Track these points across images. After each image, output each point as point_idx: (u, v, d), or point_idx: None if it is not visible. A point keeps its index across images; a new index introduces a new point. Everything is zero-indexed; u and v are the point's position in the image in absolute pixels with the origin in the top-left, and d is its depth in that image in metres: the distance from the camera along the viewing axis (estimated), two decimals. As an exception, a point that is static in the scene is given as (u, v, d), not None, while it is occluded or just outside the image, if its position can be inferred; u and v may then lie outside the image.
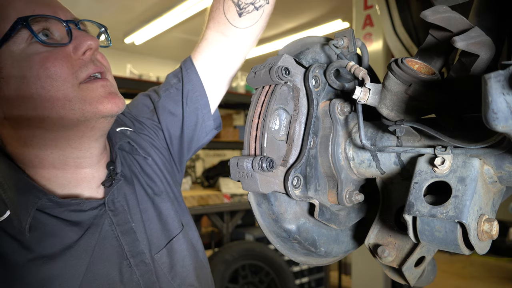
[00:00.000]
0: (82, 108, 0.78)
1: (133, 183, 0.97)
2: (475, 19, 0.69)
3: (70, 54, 0.80)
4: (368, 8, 3.21)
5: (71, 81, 0.78)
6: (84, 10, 6.64)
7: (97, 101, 0.80)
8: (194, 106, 1.11)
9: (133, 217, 0.91)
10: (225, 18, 1.06)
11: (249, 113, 0.69)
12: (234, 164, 0.67)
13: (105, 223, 0.86)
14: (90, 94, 0.80)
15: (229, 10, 1.04)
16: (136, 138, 1.06)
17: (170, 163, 1.11)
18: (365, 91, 0.63)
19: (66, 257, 0.79)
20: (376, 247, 0.72)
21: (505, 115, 0.41)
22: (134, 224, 0.90)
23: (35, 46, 0.77)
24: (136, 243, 0.89)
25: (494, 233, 0.55)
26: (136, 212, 0.92)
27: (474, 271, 6.06)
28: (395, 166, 0.69)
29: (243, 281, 3.23)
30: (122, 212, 0.89)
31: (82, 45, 0.80)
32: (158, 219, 0.98)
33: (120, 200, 0.90)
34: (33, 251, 0.76)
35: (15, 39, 0.75)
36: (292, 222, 0.71)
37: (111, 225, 0.87)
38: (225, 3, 1.05)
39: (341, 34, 0.72)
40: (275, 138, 0.68)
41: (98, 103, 0.80)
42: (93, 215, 0.85)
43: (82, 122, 0.79)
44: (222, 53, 1.10)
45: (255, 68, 0.73)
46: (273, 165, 0.64)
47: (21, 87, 0.75)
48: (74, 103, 0.77)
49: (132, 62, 6.57)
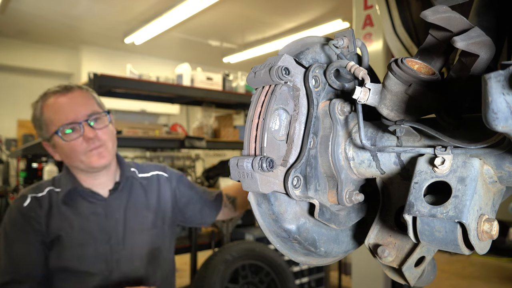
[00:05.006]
0: (86, 163, 1.68)
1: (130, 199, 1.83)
2: (475, 19, 0.69)
3: (82, 140, 1.65)
4: (368, 8, 3.21)
5: (82, 152, 1.66)
6: (85, 10, 6.64)
7: (92, 161, 1.67)
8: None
9: (118, 212, 1.76)
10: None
11: (249, 113, 0.69)
12: (234, 164, 0.67)
13: (100, 208, 1.74)
14: (90, 157, 1.67)
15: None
16: (162, 180, 2.00)
17: (172, 202, 2.01)
18: (365, 91, 0.63)
19: (84, 218, 1.69)
20: (376, 247, 0.72)
21: (505, 115, 0.41)
22: (118, 216, 1.75)
23: (65, 138, 1.67)
24: (116, 226, 1.73)
25: (494, 233, 0.55)
26: (121, 210, 1.77)
27: (474, 271, 6.06)
28: (395, 166, 0.69)
29: (243, 281, 3.23)
30: (111, 208, 1.76)
31: (86, 137, 1.65)
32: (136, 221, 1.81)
33: (113, 203, 1.78)
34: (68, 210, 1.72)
35: (57, 136, 1.65)
36: (292, 222, 0.71)
37: (105, 211, 1.74)
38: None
39: (341, 34, 0.72)
40: (275, 138, 0.68)
41: (92, 162, 1.67)
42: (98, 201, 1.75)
43: (87, 168, 1.70)
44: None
45: (255, 68, 0.73)
46: (273, 165, 0.64)
47: (63, 153, 1.70)
48: (83, 160, 1.67)
49: (132, 62, 6.57)
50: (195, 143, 4.16)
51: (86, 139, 1.63)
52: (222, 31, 7.93)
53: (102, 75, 3.44)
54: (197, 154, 9.68)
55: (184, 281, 4.41)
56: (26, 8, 6.66)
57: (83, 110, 1.66)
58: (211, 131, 4.95)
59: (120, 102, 7.40)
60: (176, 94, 4.51)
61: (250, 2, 6.32)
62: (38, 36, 8.20)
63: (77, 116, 1.64)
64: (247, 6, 6.48)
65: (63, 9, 6.59)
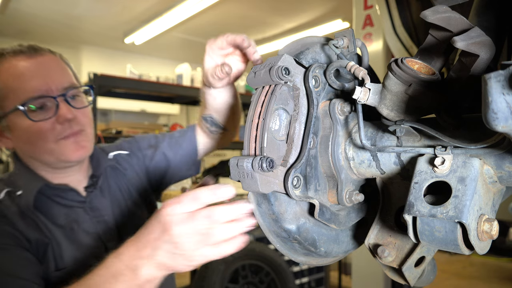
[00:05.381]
0: (57, 154, 1.18)
1: (111, 191, 1.37)
2: (475, 19, 0.69)
3: (54, 122, 1.16)
4: (368, 8, 3.21)
5: (53, 139, 1.17)
6: (84, 10, 6.64)
7: (68, 153, 1.19)
8: (183, 155, 1.56)
9: (105, 213, 1.30)
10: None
11: (249, 113, 0.69)
12: (234, 164, 0.67)
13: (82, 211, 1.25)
14: (64, 148, 1.19)
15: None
16: (127, 159, 1.49)
17: (147, 181, 1.54)
18: (365, 91, 0.63)
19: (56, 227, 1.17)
20: (376, 247, 0.72)
21: (505, 115, 0.41)
22: (106, 217, 1.30)
23: (32, 117, 1.15)
24: (108, 230, 1.28)
25: (494, 233, 0.55)
26: (108, 209, 1.32)
27: (474, 271, 6.06)
28: (395, 166, 0.69)
29: (243, 281, 3.23)
30: (96, 209, 1.29)
31: (61, 119, 1.17)
32: (129, 218, 1.37)
33: (96, 202, 1.30)
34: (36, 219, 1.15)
35: (18, 113, 1.14)
36: (292, 222, 0.71)
37: (88, 215, 1.25)
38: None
39: (341, 34, 0.72)
40: (275, 138, 0.68)
41: (66, 154, 1.19)
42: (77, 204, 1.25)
43: (57, 161, 1.20)
44: None
45: (255, 68, 0.73)
46: (273, 165, 0.64)
47: (24, 140, 1.19)
48: (53, 150, 1.18)
49: (132, 62, 6.57)
50: (195, 143, 4.16)
51: (61, 121, 1.16)
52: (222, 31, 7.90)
53: (102, 75, 3.44)
54: (197, 154, 9.65)
55: (184, 281, 4.41)
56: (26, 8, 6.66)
57: (59, 80, 1.18)
58: (211, 131, 4.95)
59: (120, 102, 7.40)
60: (176, 94, 4.50)
61: (250, 2, 6.31)
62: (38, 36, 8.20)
63: (50, 87, 1.15)
64: (247, 6, 6.48)
65: (63, 9, 6.59)
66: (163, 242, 0.73)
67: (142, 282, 0.77)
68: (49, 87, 1.16)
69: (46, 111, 1.16)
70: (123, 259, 0.79)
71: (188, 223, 0.71)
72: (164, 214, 0.74)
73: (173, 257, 0.74)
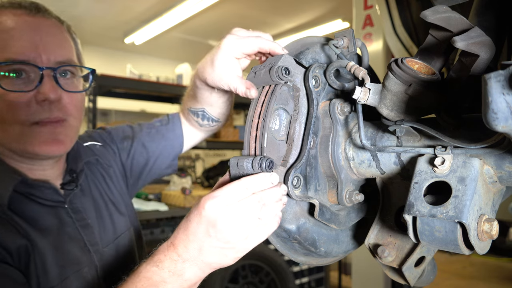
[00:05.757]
0: (23, 145, 0.94)
1: (91, 190, 1.17)
2: (475, 19, 0.69)
3: (32, 100, 0.93)
4: (368, 8, 3.21)
5: (24, 121, 0.92)
6: (84, 10, 6.64)
7: (38, 144, 0.94)
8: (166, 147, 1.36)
9: (88, 215, 1.10)
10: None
11: (249, 113, 0.70)
12: (234, 164, 0.67)
13: (64, 213, 1.03)
14: (35, 136, 0.94)
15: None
16: (103, 152, 1.26)
17: (123, 179, 1.33)
18: (365, 91, 0.63)
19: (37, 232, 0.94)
20: (376, 247, 0.72)
21: (505, 115, 0.41)
22: (90, 220, 1.09)
23: (4, 85, 0.91)
24: (93, 235, 1.08)
25: (494, 233, 0.55)
26: (91, 211, 1.11)
27: (474, 271, 6.05)
28: (395, 166, 0.69)
29: (243, 281, 3.23)
30: (78, 211, 1.07)
31: (41, 96, 0.93)
32: (109, 220, 1.17)
33: (77, 202, 1.08)
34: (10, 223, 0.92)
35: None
36: (292, 222, 0.71)
37: (71, 218, 1.03)
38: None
39: (341, 34, 0.72)
40: (275, 138, 0.68)
41: (38, 146, 0.94)
42: (56, 204, 1.02)
43: (22, 152, 0.96)
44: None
45: (255, 68, 0.73)
46: (273, 165, 0.65)
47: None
48: (20, 136, 0.93)
49: (132, 62, 6.57)
50: (195, 143, 4.16)
51: (40, 99, 0.93)
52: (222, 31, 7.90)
53: (102, 75, 3.44)
54: (197, 154, 9.67)
55: (184, 281, 4.41)
56: (26, 8, 6.68)
57: (53, 50, 0.97)
58: (211, 131, 4.96)
59: (120, 102, 7.40)
60: (176, 94, 4.50)
61: (250, 2, 6.32)
62: (38, 36, 8.21)
63: (39, 55, 0.94)
64: (247, 6, 6.48)
65: (63, 9, 6.61)
66: (210, 239, 0.68)
67: (189, 285, 0.73)
68: (38, 54, 0.93)
69: (25, 82, 0.93)
70: (164, 266, 0.72)
71: (237, 214, 0.66)
72: (208, 209, 0.67)
73: (221, 252, 0.70)
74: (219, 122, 1.23)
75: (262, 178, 0.66)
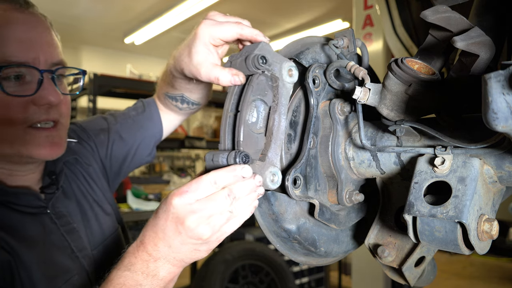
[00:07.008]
0: (18, 149, 0.90)
1: (74, 191, 1.11)
2: (475, 19, 0.69)
3: (29, 102, 0.89)
4: (368, 8, 3.21)
5: (20, 124, 0.89)
6: (84, 10, 6.64)
7: (34, 147, 0.91)
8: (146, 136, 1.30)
9: (73, 219, 1.04)
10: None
11: (225, 106, 0.66)
12: (209, 159, 0.65)
13: (47, 219, 0.98)
14: (31, 139, 0.91)
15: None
16: (80, 149, 1.20)
17: (104, 176, 1.27)
18: (365, 91, 0.63)
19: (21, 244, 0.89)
20: (376, 247, 0.72)
21: (505, 115, 0.41)
22: (75, 224, 1.04)
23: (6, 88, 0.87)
24: (80, 240, 1.03)
25: (494, 233, 0.55)
26: (76, 214, 1.06)
27: (474, 271, 6.06)
28: (395, 166, 0.69)
29: (243, 281, 3.23)
30: (63, 216, 1.01)
31: (43, 100, 0.90)
32: (96, 221, 1.12)
33: (60, 206, 1.03)
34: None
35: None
36: (292, 222, 0.71)
37: (55, 224, 0.98)
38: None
39: (341, 34, 0.72)
40: (252, 131, 0.65)
41: (34, 149, 0.91)
42: (38, 210, 0.97)
43: (18, 157, 0.93)
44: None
45: (231, 56, 0.70)
46: (249, 159, 0.62)
47: None
48: (15, 141, 0.90)
49: (132, 62, 6.57)
50: (195, 143, 4.16)
51: (41, 103, 0.89)
52: (222, 31, 7.89)
53: (102, 75, 3.44)
54: (197, 154, 9.66)
55: (184, 281, 4.41)
56: (26, 8, 6.69)
57: (49, 52, 0.93)
58: (211, 131, 4.95)
59: (120, 102, 7.42)
60: (176, 94, 4.50)
61: (250, 2, 6.32)
62: (38, 36, 8.22)
63: (38, 57, 0.90)
64: (247, 6, 6.49)
65: (63, 9, 6.60)
66: (180, 237, 0.65)
67: (165, 284, 0.70)
68: (37, 56, 0.89)
69: (23, 85, 0.88)
70: (137, 269, 0.69)
71: (206, 210, 0.63)
72: (176, 206, 0.64)
73: (193, 248, 0.67)
74: (199, 105, 1.18)
75: (231, 171, 0.63)
